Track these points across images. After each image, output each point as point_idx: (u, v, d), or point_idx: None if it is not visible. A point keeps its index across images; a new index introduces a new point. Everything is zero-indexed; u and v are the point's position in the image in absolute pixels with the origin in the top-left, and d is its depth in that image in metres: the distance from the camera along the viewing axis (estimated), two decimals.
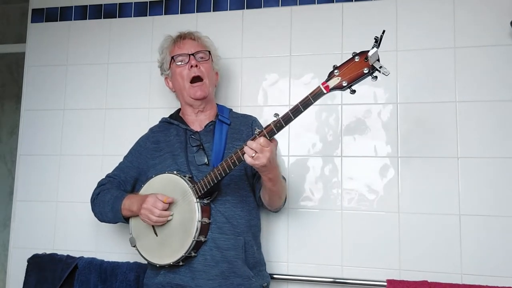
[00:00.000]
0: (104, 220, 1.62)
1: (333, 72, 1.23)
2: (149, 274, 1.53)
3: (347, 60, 1.23)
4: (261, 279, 1.52)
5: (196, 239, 1.39)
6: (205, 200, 1.43)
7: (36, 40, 2.11)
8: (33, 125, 2.06)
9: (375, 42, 1.17)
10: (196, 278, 1.42)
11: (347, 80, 1.21)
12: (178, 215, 1.44)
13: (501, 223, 1.57)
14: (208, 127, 1.60)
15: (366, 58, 1.18)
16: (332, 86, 1.23)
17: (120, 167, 1.67)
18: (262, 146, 1.25)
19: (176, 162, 1.53)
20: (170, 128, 1.64)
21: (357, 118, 1.74)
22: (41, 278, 1.83)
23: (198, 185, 1.41)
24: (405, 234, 1.64)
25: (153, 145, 1.62)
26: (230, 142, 1.55)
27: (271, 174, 1.36)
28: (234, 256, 1.44)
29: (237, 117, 1.66)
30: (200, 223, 1.39)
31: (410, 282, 1.55)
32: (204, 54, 1.62)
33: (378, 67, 1.18)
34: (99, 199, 1.60)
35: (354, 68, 1.21)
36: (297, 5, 1.85)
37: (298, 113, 1.26)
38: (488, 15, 1.67)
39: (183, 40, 1.62)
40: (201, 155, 1.53)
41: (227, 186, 1.49)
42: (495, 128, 1.62)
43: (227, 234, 1.44)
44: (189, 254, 1.40)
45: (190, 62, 1.57)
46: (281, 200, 1.56)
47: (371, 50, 1.17)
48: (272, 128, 1.27)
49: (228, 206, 1.48)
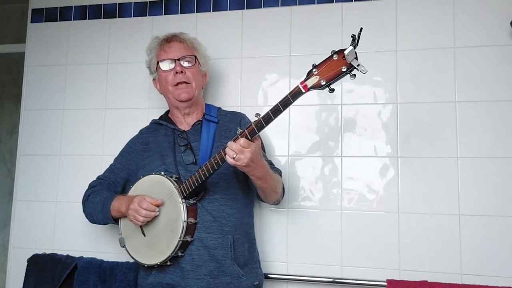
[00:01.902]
0: (95, 221, 1.63)
1: (311, 71, 1.22)
2: (142, 275, 1.55)
3: (326, 58, 1.21)
4: (253, 277, 1.51)
5: (182, 239, 1.39)
6: (191, 200, 1.43)
7: (36, 40, 2.11)
8: (33, 125, 2.06)
9: (352, 40, 1.15)
10: (185, 277, 1.42)
11: (325, 79, 1.20)
12: (164, 215, 1.45)
13: (501, 223, 1.57)
14: (195, 126, 1.60)
15: (344, 57, 1.17)
16: (311, 85, 1.22)
17: (110, 169, 1.69)
18: (242, 147, 1.25)
19: (164, 162, 1.53)
20: (159, 128, 1.65)
21: (357, 118, 1.74)
22: (41, 278, 1.83)
23: (184, 185, 1.41)
24: (405, 234, 1.64)
25: (143, 146, 1.63)
26: (218, 140, 1.55)
27: (258, 173, 1.36)
28: (222, 255, 1.44)
29: (225, 115, 1.65)
30: (186, 223, 1.40)
31: (410, 282, 1.55)
32: (190, 58, 1.61)
33: (356, 65, 1.16)
34: (89, 200, 1.62)
35: (333, 67, 1.19)
36: (297, 5, 1.85)
37: (278, 112, 1.25)
38: (488, 15, 1.67)
39: (169, 43, 1.61)
40: (188, 155, 1.53)
41: (215, 184, 1.49)
42: (495, 128, 1.62)
43: (214, 233, 1.45)
44: (175, 254, 1.41)
45: (175, 68, 1.57)
46: (277, 194, 1.55)
47: (347, 48, 1.15)
48: (253, 128, 1.27)
49: (216, 204, 1.48)
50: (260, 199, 1.59)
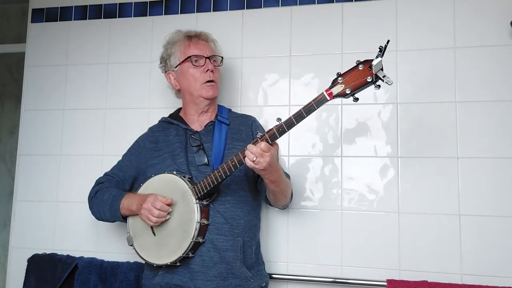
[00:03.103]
0: (102, 219, 1.62)
1: (336, 80, 1.25)
2: (147, 275, 1.53)
3: (351, 68, 1.24)
4: (260, 279, 1.52)
5: (194, 240, 1.39)
6: (204, 202, 1.43)
7: (36, 40, 2.11)
8: (33, 125, 2.06)
9: (379, 52, 1.17)
10: (194, 279, 1.42)
11: (351, 88, 1.23)
12: (176, 215, 1.44)
13: (501, 223, 1.57)
14: (208, 127, 1.59)
15: (370, 67, 1.19)
16: (336, 93, 1.25)
17: (118, 166, 1.66)
18: (263, 151, 1.26)
19: (175, 162, 1.52)
20: (169, 127, 1.63)
21: (357, 118, 1.74)
22: (41, 278, 1.83)
23: (198, 186, 1.41)
24: (405, 234, 1.64)
25: (152, 144, 1.61)
26: (230, 142, 1.55)
27: (273, 176, 1.37)
28: (232, 257, 1.44)
29: (236, 117, 1.66)
30: (199, 224, 1.39)
31: (410, 282, 1.55)
32: (217, 59, 1.63)
33: (382, 76, 1.19)
34: (97, 197, 1.60)
35: (358, 76, 1.22)
36: (297, 5, 1.85)
37: (301, 118, 1.28)
38: (488, 15, 1.67)
39: (198, 40, 1.61)
40: (201, 155, 1.52)
41: (227, 186, 1.49)
42: (495, 128, 1.62)
43: (225, 235, 1.44)
44: (186, 255, 1.41)
45: (207, 66, 1.57)
46: (287, 198, 1.57)
47: (375, 59, 1.17)
48: (275, 132, 1.28)
49: (227, 206, 1.47)
50: (268, 203, 1.59)
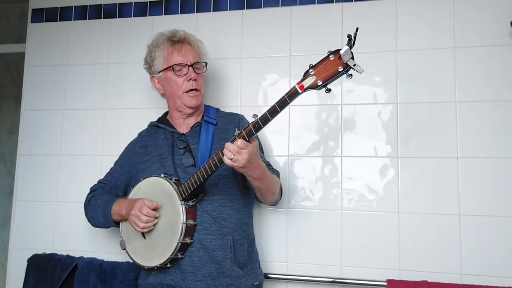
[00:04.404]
0: (97, 225, 1.64)
1: (308, 72, 1.21)
2: (142, 275, 1.55)
3: (322, 59, 1.20)
4: (253, 277, 1.51)
5: (181, 241, 1.39)
6: (190, 202, 1.43)
7: (36, 40, 2.11)
8: (33, 125, 2.06)
9: (348, 40, 1.15)
10: (185, 279, 1.42)
11: (322, 79, 1.19)
12: (164, 218, 1.44)
13: (501, 223, 1.57)
14: (194, 129, 1.59)
15: (340, 57, 1.16)
16: (307, 85, 1.21)
17: (110, 173, 1.69)
18: (240, 148, 1.25)
19: (163, 165, 1.53)
20: (158, 131, 1.64)
21: (357, 118, 1.74)
22: (41, 278, 1.83)
23: (183, 187, 1.41)
24: (405, 234, 1.64)
25: (142, 149, 1.63)
26: (217, 142, 1.55)
27: (255, 173, 1.36)
28: (222, 256, 1.44)
29: (224, 117, 1.65)
30: (185, 225, 1.40)
31: (410, 282, 1.55)
32: (200, 66, 1.61)
33: (352, 65, 1.16)
34: (91, 204, 1.62)
35: (329, 67, 1.19)
36: (297, 5, 1.85)
37: (275, 113, 1.25)
38: (488, 15, 1.67)
39: (181, 45, 1.58)
40: (187, 157, 1.53)
41: (214, 186, 1.49)
42: (495, 128, 1.62)
43: (214, 235, 1.44)
44: (175, 256, 1.41)
45: (189, 75, 1.55)
46: (275, 195, 1.55)
47: (343, 48, 1.15)
48: (251, 129, 1.26)
49: (215, 205, 1.47)
50: (258, 200, 1.59)
